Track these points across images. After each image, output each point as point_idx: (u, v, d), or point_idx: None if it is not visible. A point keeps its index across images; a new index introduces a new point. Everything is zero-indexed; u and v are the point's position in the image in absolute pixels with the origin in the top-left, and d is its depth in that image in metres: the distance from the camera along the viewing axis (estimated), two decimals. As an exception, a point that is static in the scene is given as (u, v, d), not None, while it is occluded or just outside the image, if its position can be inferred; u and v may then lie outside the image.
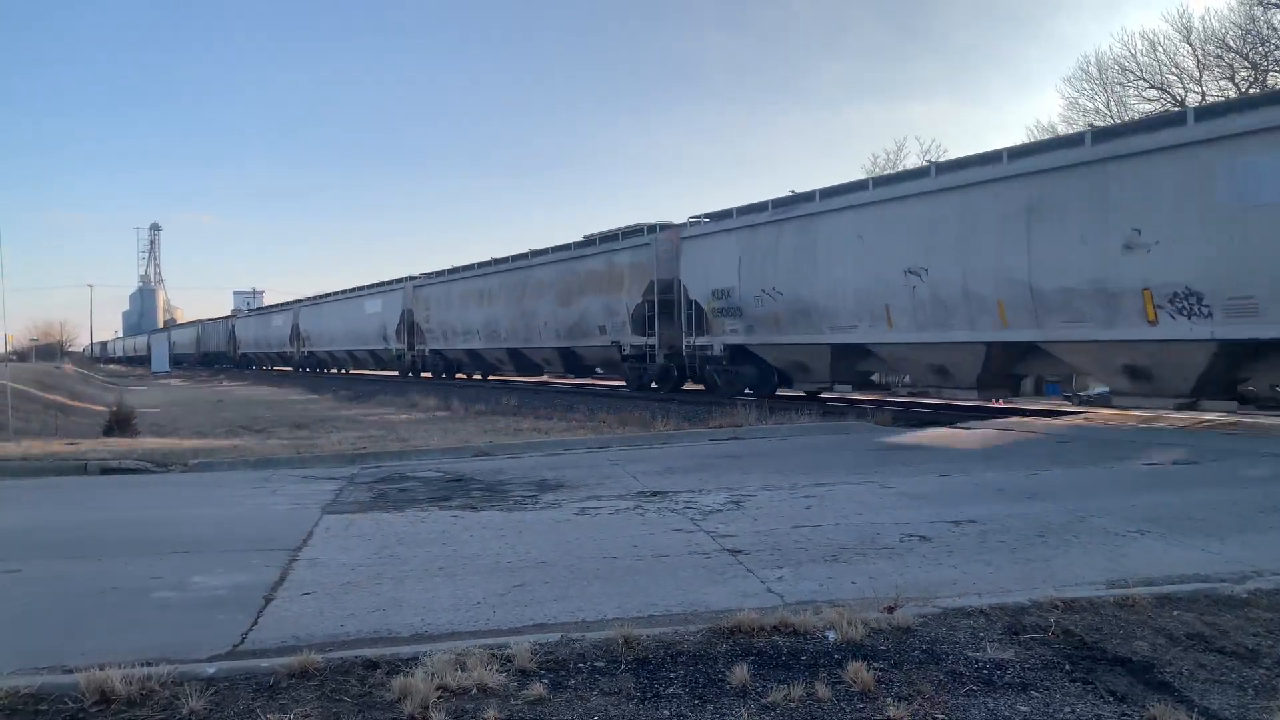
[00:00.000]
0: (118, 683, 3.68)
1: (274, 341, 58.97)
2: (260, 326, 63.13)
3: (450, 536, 6.84)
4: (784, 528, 6.74)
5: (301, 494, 8.96)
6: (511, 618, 4.81)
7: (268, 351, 61.29)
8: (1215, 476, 8.64)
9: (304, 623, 4.80)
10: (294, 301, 56.37)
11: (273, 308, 63.59)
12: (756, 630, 4.24)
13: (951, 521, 6.77)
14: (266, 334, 60.62)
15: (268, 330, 60.62)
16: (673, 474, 9.56)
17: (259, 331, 62.62)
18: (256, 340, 62.92)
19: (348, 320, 45.61)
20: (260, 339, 62.05)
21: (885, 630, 4.23)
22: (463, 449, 12.03)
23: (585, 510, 7.69)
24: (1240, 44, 30.42)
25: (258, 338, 62.76)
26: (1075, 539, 6.17)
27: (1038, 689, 3.60)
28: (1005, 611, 4.47)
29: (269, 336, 59.94)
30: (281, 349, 57.49)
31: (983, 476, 8.84)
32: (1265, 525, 6.49)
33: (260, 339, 62.05)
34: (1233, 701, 3.46)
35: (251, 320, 67.22)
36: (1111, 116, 32.41)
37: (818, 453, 11.12)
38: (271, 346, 59.88)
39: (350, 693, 3.72)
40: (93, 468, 10.95)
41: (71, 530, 7.50)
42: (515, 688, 3.71)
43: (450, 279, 35.61)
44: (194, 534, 7.16)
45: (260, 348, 62.48)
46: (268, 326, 61.01)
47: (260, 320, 64.42)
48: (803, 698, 3.54)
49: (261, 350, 62.61)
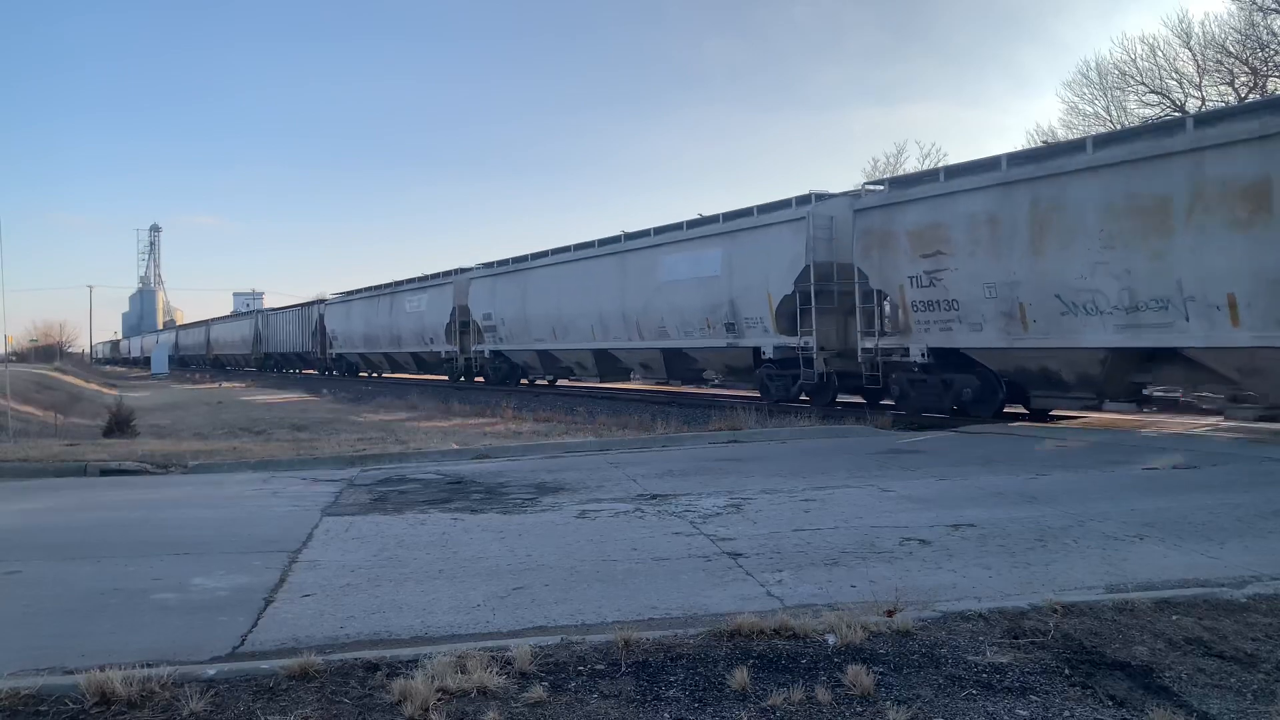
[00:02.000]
0: (118, 684, 3.69)
1: (293, 342, 54.03)
2: (279, 326, 57.61)
3: (450, 539, 6.84)
4: (784, 531, 6.75)
5: (301, 496, 8.96)
6: (511, 620, 4.82)
7: (286, 353, 56.50)
8: (1214, 481, 8.64)
9: (304, 625, 4.81)
10: (317, 300, 51.08)
11: (290, 307, 57.72)
12: (756, 633, 4.24)
13: (951, 525, 6.78)
14: (285, 334, 55.61)
15: (286, 331, 55.60)
16: (673, 477, 9.56)
17: (277, 331, 57.46)
18: (274, 340, 57.77)
19: (384, 319, 39.84)
20: (279, 339, 56.81)
21: (885, 634, 4.24)
22: (463, 451, 12.04)
23: (585, 513, 7.69)
24: (1240, 49, 30.47)
25: (275, 337, 57.59)
26: (1074, 543, 6.17)
27: (1037, 693, 3.60)
28: (1005, 615, 4.48)
29: (288, 337, 54.92)
30: (301, 349, 52.79)
31: (982, 480, 8.85)
32: (1265, 530, 6.50)
33: (279, 339, 56.81)
34: (1232, 706, 3.47)
35: (273, 318, 60.50)
36: (1111, 122, 32.47)
37: (817, 456, 11.12)
38: (290, 347, 55.01)
39: (350, 695, 3.72)
40: (92, 469, 10.96)
41: (72, 531, 7.50)
42: (515, 690, 3.71)
43: (519, 268, 29.57)
44: (194, 535, 7.17)
45: (278, 348, 57.46)
46: (286, 326, 55.89)
47: (280, 319, 58.29)
48: (802, 701, 3.54)
49: (279, 351, 57.60)
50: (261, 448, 12.99)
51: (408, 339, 37.73)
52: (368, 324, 41.86)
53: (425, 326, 35.77)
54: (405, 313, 37.53)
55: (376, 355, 42.62)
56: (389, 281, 40.85)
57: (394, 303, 38.79)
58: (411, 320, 36.98)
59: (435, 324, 34.88)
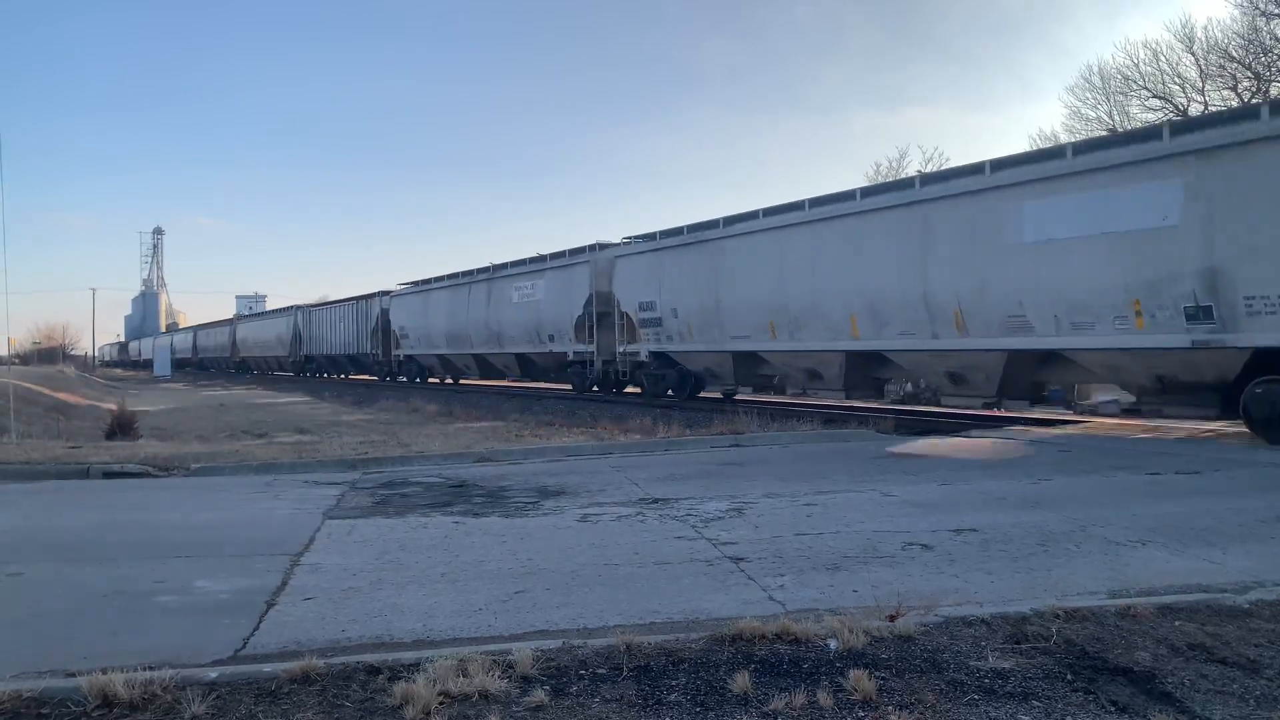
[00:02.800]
0: (120, 687, 3.69)
1: (344, 341, 46.68)
2: (325, 324, 50.20)
3: (452, 542, 6.84)
4: (786, 535, 6.74)
5: (304, 499, 8.97)
6: (513, 624, 4.82)
7: (334, 355, 48.82)
8: (1217, 486, 8.63)
9: (306, 628, 4.81)
10: (379, 292, 42.80)
11: (341, 301, 49.18)
12: (758, 638, 4.24)
13: (953, 530, 6.77)
14: (334, 333, 48.30)
15: (335, 329, 48.16)
16: (675, 481, 9.56)
17: (323, 330, 50.38)
18: (319, 340, 50.71)
19: (476, 312, 32.00)
20: (326, 338, 49.72)
21: (887, 639, 4.23)
22: (464, 454, 12.04)
23: (587, 517, 7.69)
24: (1243, 54, 30.47)
25: (321, 337, 50.41)
26: (1077, 548, 6.17)
27: (1039, 698, 3.60)
28: (1007, 621, 4.47)
29: (338, 336, 47.60)
30: (356, 350, 45.09)
31: (984, 485, 8.84)
32: (1267, 535, 6.49)
33: (326, 338, 49.72)
34: (1234, 713, 3.46)
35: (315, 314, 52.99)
36: (1114, 126, 32.45)
37: (819, 460, 11.11)
38: (340, 348, 47.61)
39: (352, 698, 3.72)
40: (95, 471, 10.96)
41: (74, 534, 7.51)
42: (517, 694, 3.71)
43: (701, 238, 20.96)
44: (196, 538, 7.17)
45: (324, 349, 50.09)
46: (335, 324, 48.18)
47: (327, 316, 50.54)
48: (804, 706, 3.54)
49: (324, 353, 50.42)
50: (264, 450, 13.00)
51: (513, 336, 29.88)
52: (452, 318, 33.98)
53: (542, 320, 27.98)
54: (510, 304, 29.83)
55: (462, 357, 34.59)
56: (483, 265, 32.51)
57: (492, 291, 31.05)
58: (520, 312, 29.27)
59: (558, 316, 27.01)
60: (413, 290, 38.78)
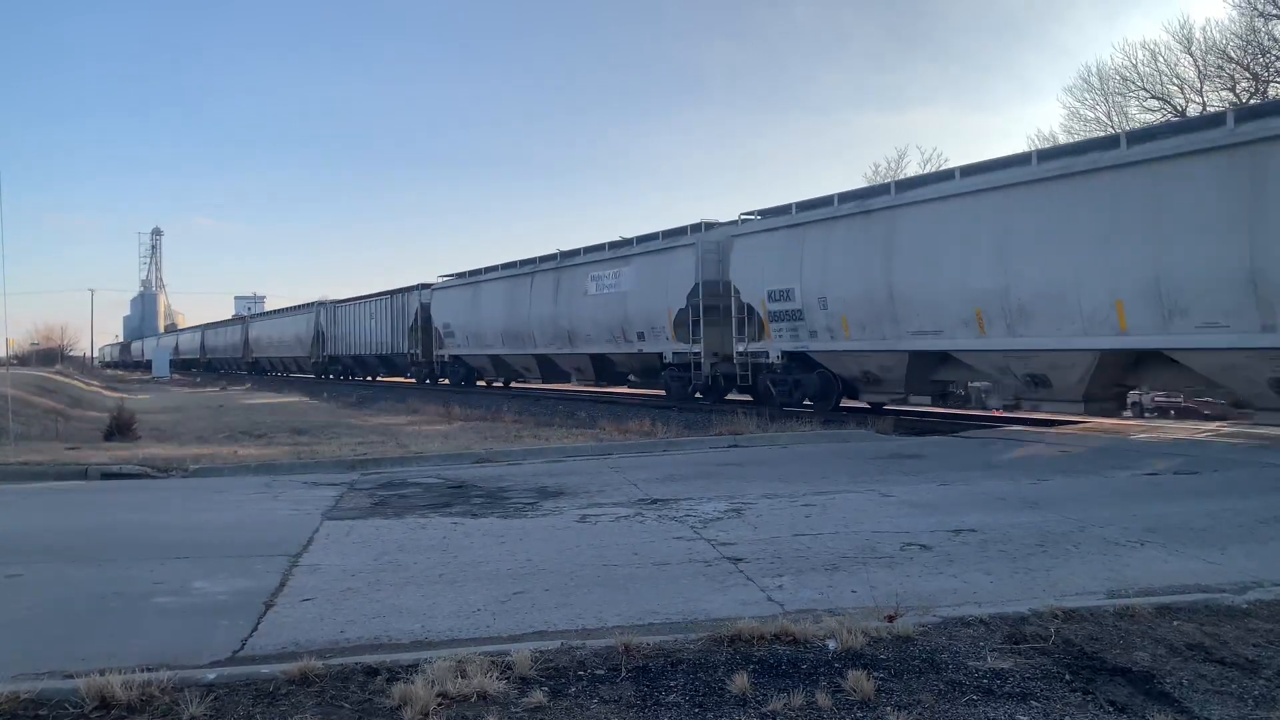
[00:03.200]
0: (118, 688, 3.69)
1: (376, 340, 41.13)
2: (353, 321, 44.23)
3: (450, 543, 6.84)
4: (784, 536, 6.74)
5: (302, 500, 8.96)
6: (512, 625, 4.82)
7: (362, 355, 43.59)
8: (1216, 486, 8.64)
9: (304, 629, 4.80)
10: (416, 286, 37.72)
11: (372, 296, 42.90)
12: (757, 639, 4.24)
13: (952, 530, 6.77)
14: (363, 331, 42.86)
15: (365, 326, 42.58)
16: (674, 482, 9.56)
17: (350, 327, 44.81)
18: (345, 339, 45.37)
19: (541, 307, 27.16)
20: (353, 337, 44.28)
21: (885, 639, 4.23)
22: (464, 455, 12.03)
23: (586, 517, 7.69)
24: (1241, 55, 30.48)
25: (348, 335, 45.13)
26: (1075, 548, 6.17)
27: (1038, 699, 3.60)
28: (1005, 621, 4.47)
29: (369, 334, 42.19)
30: (389, 350, 39.85)
31: (983, 485, 8.84)
32: (1266, 536, 6.49)
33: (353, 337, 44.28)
34: (1233, 713, 3.46)
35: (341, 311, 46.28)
36: (1113, 126, 32.46)
37: (818, 461, 11.12)
38: (370, 348, 42.04)
39: (350, 699, 3.72)
40: (94, 473, 10.96)
41: (72, 535, 7.50)
42: (515, 695, 3.71)
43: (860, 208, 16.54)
44: (195, 539, 7.16)
45: (351, 349, 44.86)
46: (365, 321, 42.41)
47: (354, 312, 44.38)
48: (803, 706, 3.54)
49: (351, 354, 45.13)
50: (262, 451, 13.00)
51: (588, 334, 25.00)
52: (510, 313, 29.12)
53: (629, 315, 23.06)
54: (585, 296, 24.97)
55: (520, 358, 29.67)
56: (547, 253, 28.12)
57: (561, 281, 26.37)
58: (599, 306, 24.33)
59: (650, 310, 22.27)
60: (459, 282, 33.68)
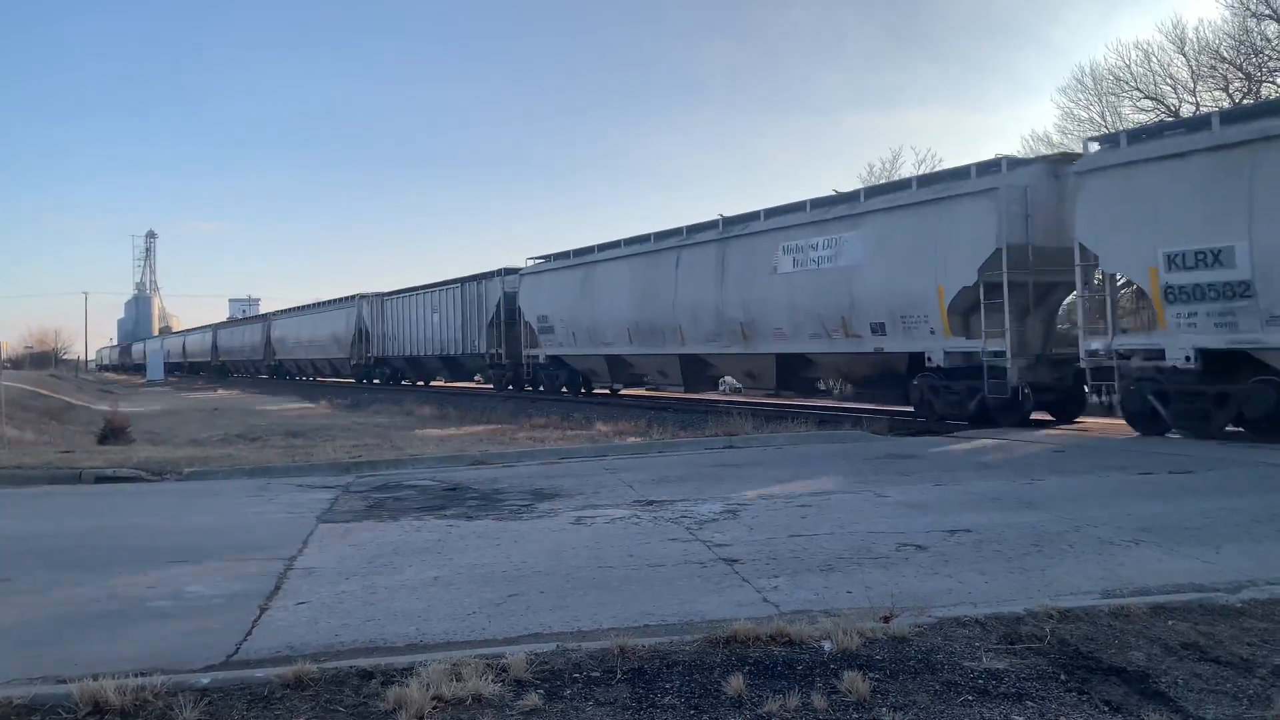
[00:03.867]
0: (111, 693, 3.67)
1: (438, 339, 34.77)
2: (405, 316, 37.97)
3: (445, 546, 6.83)
4: (780, 537, 6.74)
5: (297, 503, 8.94)
6: (507, 627, 4.81)
7: (417, 356, 37.30)
8: (1210, 486, 8.66)
9: (299, 632, 4.79)
10: (498, 271, 31.30)
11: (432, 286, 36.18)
12: (752, 640, 4.23)
13: (947, 531, 6.78)
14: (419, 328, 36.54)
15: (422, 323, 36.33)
16: (669, 483, 9.55)
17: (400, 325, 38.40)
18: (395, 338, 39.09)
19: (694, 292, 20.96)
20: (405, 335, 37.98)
21: (881, 640, 4.23)
22: (459, 457, 12.02)
23: (581, 519, 7.68)
24: (1234, 55, 30.56)
25: (398, 334, 38.67)
26: (1070, 548, 6.18)
27: (1033, 699, 3.60)
28: (1001, 621, 4.48)
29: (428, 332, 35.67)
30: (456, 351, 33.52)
31: (978, 486, 8.85)
32: (1260, 535, 6.51)
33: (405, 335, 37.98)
34: (1227, 712, 3.47)
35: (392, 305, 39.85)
36: (1106, 127, 32.51)
37: (813, 462, 11.12)
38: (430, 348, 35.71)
39: (345, 703, 3.71)
40: (87, 476, 10.92)
41: (65, 539, 7.48)
42: (510, 698, 3.70)
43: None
44: (189, 542, 7.14)
45: (403, 350, 38.45)
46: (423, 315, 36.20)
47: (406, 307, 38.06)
48: (799, 708, 3.54)
49: (403, 354, 38.63)
50: (257, 454, 12.97)
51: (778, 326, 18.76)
52: (643, 302, 22.83)
53: (857, 297, 16.70)
54: (774, 273, 18.61)
55: (655, 359, 23.24)
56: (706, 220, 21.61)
57: (729, 256, 20.08)
58: (801, 287, 17.98)
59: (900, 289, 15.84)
60: (561, 265, 26.86)
